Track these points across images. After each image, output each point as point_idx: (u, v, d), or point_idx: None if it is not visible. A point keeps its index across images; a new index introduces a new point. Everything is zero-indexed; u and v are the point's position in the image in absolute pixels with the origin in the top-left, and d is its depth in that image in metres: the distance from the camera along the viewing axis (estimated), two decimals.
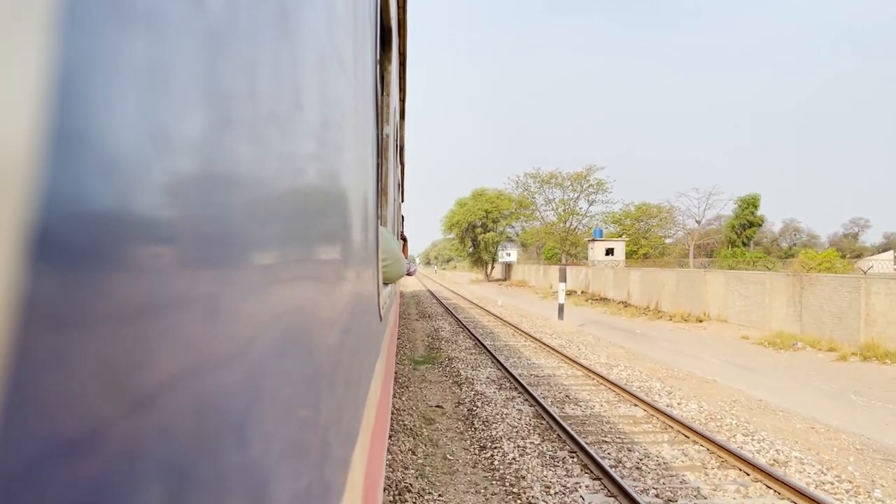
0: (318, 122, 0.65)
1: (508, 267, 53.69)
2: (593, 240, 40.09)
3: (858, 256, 39.70)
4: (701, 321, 20.70)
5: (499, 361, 11.35)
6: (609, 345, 15.06)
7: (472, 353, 12.80)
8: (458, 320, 18.85)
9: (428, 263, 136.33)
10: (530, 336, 15.15)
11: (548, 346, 13.47)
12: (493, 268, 56.14)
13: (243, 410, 0.37)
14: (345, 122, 0.88)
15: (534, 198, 48.21)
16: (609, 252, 38.99)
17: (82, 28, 0.19)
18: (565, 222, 46.76)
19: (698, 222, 45.90)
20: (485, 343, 13.77)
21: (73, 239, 0.19)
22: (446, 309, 23.42)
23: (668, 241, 49.54)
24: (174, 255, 0.27)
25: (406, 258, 4.39)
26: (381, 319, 1.84)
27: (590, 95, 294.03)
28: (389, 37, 3.06)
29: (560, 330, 17.51)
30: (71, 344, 0.19)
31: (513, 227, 53.78)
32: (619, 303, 27.40)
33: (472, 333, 15.52)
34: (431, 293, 34.71)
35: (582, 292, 33.20)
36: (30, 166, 0.17)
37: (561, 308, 19.61)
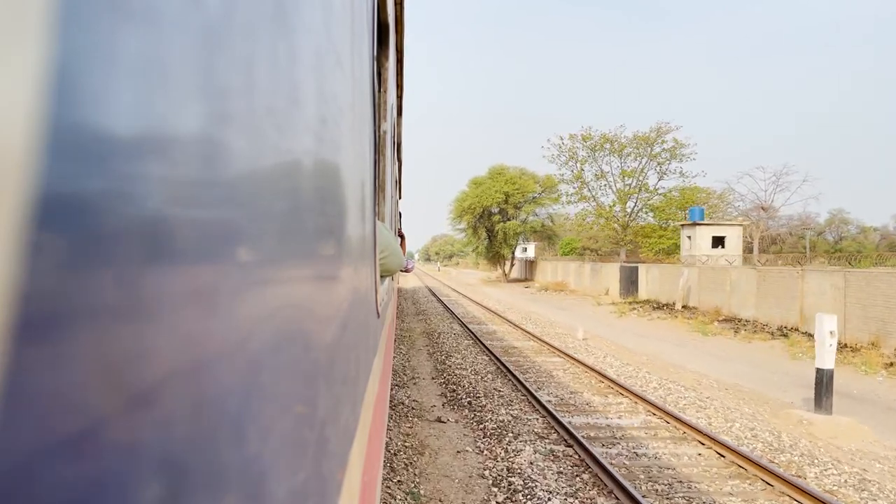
0: (316, 118, 0.65)
1: (531, 264, 41.89)
2: (691, 224, 25.32)
3: None
4: None
5: None
6: None
7: None
8: (569, 437, 6.43)
9: (428, 259, 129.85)
10: None
11: None
12: (512, 265, 43.93)
13: (240, 407, 0.37)
14: (342, 118, 0.87)
15: (582, 169, 36.36)
16: (718, 242, 25.24)
17: (79, 24, 0.19)
18: (627, 201, 35.50)
19: (764, 209, 34.88)
20: None
21: (70, 234, 0.19)
22: (498, 363, 10.73)
23: None
24: (170, 250, 0.27)
25: (404, 255, 4.29)
26: (378, 316, 1.81)
27: (608, 90, 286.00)
28: (387, 33, 3.05)
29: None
30: (69, 340, 0.19)
31: (536, 215, 41.26)
32: (789, 331, 15.10)
33: None
34: (446, 307, 21.82)
35: (684, 307, 20.35)
36: (27, 162, 0.17)
37: (826, 382, 7.63)
